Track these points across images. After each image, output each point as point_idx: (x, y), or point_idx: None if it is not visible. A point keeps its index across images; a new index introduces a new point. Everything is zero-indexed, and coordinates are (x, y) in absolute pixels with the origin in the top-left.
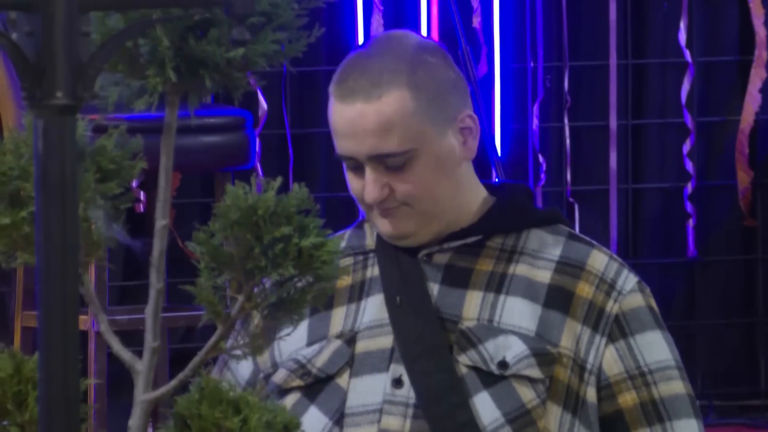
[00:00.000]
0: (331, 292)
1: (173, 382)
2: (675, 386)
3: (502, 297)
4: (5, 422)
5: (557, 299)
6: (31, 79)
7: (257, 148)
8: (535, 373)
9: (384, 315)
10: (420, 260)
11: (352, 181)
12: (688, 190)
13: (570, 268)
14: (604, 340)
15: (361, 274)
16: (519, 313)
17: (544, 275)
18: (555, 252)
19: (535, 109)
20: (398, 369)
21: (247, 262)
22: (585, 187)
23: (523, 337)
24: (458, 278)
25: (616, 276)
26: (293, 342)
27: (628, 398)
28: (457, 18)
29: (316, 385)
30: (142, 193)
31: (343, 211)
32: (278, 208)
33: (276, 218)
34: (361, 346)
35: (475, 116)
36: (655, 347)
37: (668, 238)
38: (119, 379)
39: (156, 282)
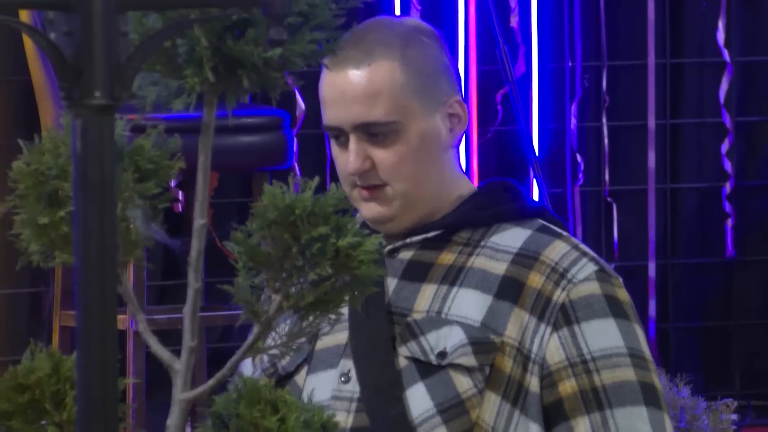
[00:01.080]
0: (368, 292)
1: (211, 382)
2: (622, 373)
3: (455, 289)
4: (43, 422)
5: (508, 290)
6: (69, 79)
7: (295, 148)
8: (470, 361)
9: (345, 311)
10: (384, 256)
11: (338, 157)
12: (727, 190)
13: (525, 259)
14: (548, 330)
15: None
16: (468, 304)
17: (500, 267)
18: (516, 244)
19: (573, 108)
20: (347, 364)
21: (284, 261)
22: (623, 186)
23: (466, 327)
24: (417, 272)
25: (570, 265)
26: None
27: (567, 386)
28: (494, 17)
29: (279, 383)
30: (180, 192)
31: None
32: (315, 208)
33: (313, 218)
34: (320, 343)
35: (465, 105)
36: (603, 335)
37: (706, 237)
38: (157, 379)
39: (194, 281)
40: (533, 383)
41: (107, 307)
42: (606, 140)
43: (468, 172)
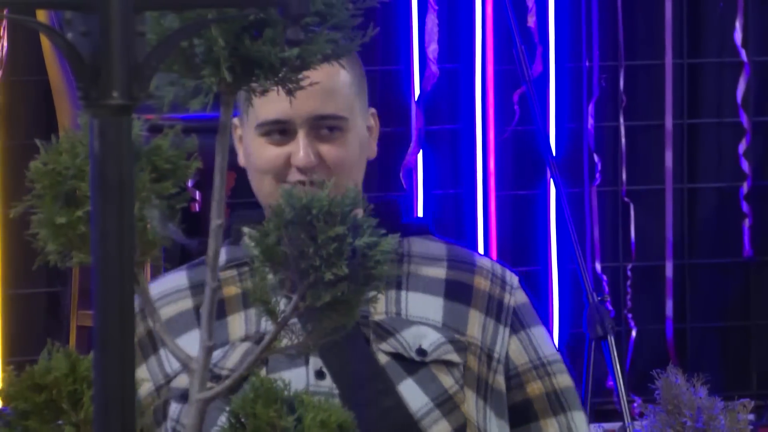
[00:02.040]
0: (383, 292)
1: (228, 381)
2: (565, 379)
3: (404, 293)
4: (60, 421)
5: (457, 292)
6: (86, 79)
7: None
8: (454, 357)
9: None
10: None
11: (269, 152)
12: (744, 190)
13: (461, 264)
14: (507, 331)
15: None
16: (423, 305)
17: (438, 272)
18: (441, 253)
19: (591, 108)
20: (317, 361)
21: (301, 261)
22: (640, 186)
23: (434, 327)
24: None
25: (503, 272)
26: (188, 350)
27: (535, 387)
28: (512, 17)
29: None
30: (197, 192)
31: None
32: (332, 208)
33: (330, 218)
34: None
35: (378, 119)
36: (544, 341)
37: (724, 238)
38: None
39: (211, 281)
40: (498, 381)
41: (124, 307)
42: (623, 140)
43: (485, 172)
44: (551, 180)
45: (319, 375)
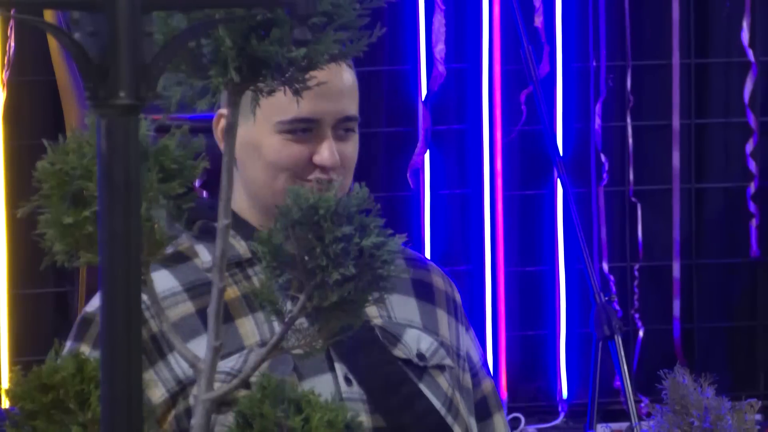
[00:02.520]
0: (391, 291)
1: (235, 381)
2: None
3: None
4: (67, 421)
5: (422, 291)
6: (94, 79)
7: None
8: (448, 361)
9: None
10: None
11: (290, 149)
12: (751, 190)
13: (417, 262)
14: (463, 329)
15: (249, 285)
16: (402, 308)
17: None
18: (399, 253)
19: (598, 108)
20: (343, 368)
21: (308, 261)
22: (647, 186)
23: (420, 330)
24: None
25: (441, 270)
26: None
27: (487, 384)
28: (519, 17)
29: None
30: (204, 192)
31: (403, 211)
32: (339, 208)
33: (337, 218)
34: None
35: None
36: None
37: (731, 237)
38: None
39: (218, 281)
40: (467, 379)
41: (132, 307)
42: (630, 140)
43: (492, 172)
44: (558, 180)
45: (348, 381)
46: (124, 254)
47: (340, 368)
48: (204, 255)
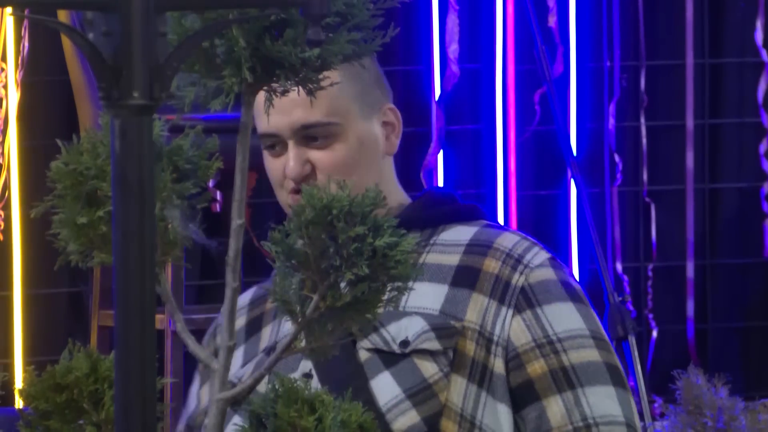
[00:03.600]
0: (404, 292)
1: (249, 381)
2: (588, 354)
3: (409, 284)
4: (81, 421)
5: (464, 277)
6: (108, 79)
7: None
8: (434, 345)
9: None
10: None
11: (271, 164)
12: (765, 190)
13: (478, 248)
14: (510, 312)
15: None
16: (424, 296)
17: (452, 259)
18: (465, 238)
19: (612, 108)
20: (307, 364)
21: (321, 261)
22: (661, 186)
23: (426, 316)
24: None
25: (524, 252)
26: (232, 367)
27: (536, 367)
28: (533, 17)
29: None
30: (218, 192)
31: None
32: (353, 208)
33: (350, 218)
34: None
35: (398, 113)
36: (565, 317)
37: (745, 238)
38: None
39: (232, 281)
40: (498, 365)
41: (146, 307)
42: (644, 140)
43: (506, 172)
44: (572, 180)
45: (307, 377)
46: (138, 254)
47: (303, 365)
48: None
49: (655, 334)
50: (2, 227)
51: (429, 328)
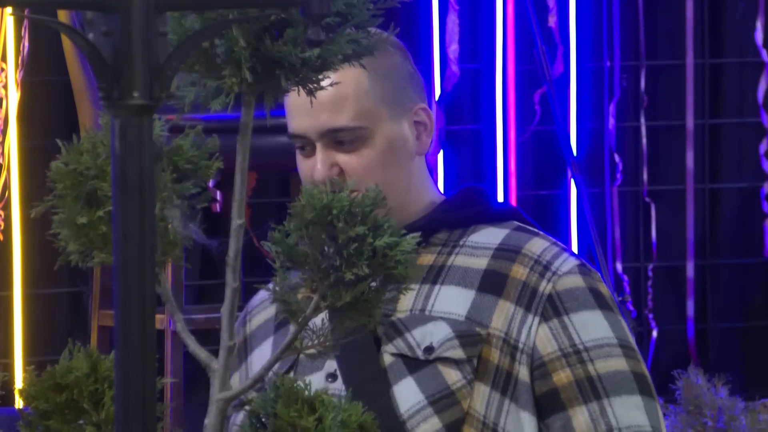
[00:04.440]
0: (405, 292)
1: (249, 382)
2: (615, 363)
3: (436, 287)
4: (81, 421)
5: (491, 283)
6: (108, 79)
7: None
8: (458, 354)
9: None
10: None
11: (302, 164)
12: (765, 190)
13: (506, 252)
14: (537, 320)
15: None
16: (451, 299)
17: (480, 263)
18: (495, 241)
19: (612, 108)
20: (332, 364)
21: (321, 261)
22: (661, 186)
23: (451, 322)
24: None
25: (553, 258)
26: (263, 359)
27: (562, 376)
28: (533, 17)
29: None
30: (218, 192)
31: None
32: (353, 208)
33: (350, 218)
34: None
35: (431, 112)
36: (592, 325)
37: (745, 238)
38: (195, 378)
39: (232, 281)
40: (522, 373)
41: (146, 307)
42: (644, 140)
43: (506, 172)
44: (572, 180)
45: (331, 378)
46: (138, 254)
47: (328, 365)
48: None
49: (655, 334)
50: (2, 227)
51: (454, 335)
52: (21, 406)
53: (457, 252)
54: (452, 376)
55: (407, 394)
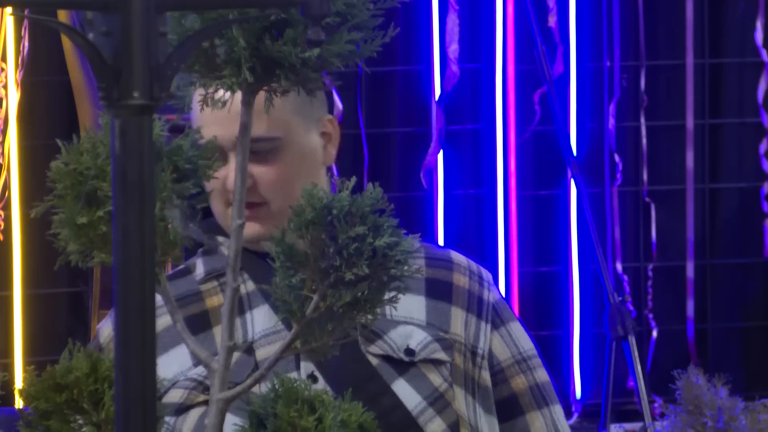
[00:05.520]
0: (405, 292)
1: (249, 381)
2: (545, 373)
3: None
4: (81, 421)
5: (438, 290)
6: (108, 79)
7: None
8: (442, 355)
9: (275, 322)
10: None
11: (219, 172)
12: (765, 190)
13: (439, 261)
14: (489, 327)
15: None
16: (407, 305)
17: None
18: (418, 253)
19: (612, 108)
20: (309, 366)
21: (321, 261)
22: (661, 186)
23: (419, 326)
24: None
25: (479, 269)
26: (176, 365)
27: (519, 382)
28: (533, 17)
29: None
30: None
31: (417, 211)
32: (353, 208)
33: (350, 218)
34: (262, 353)
35: (336, 123)
36: (522, 336)
37: (745, 238)
38: None
39: (232, 281)
40: (484, 377)
41: (146, 307)
42: (644, 140)
43: (506, 172)
44: (572, 180)
45: (312, 379)
46: (138, 254)
47: (305, 366)
48: (199, 268)
49: (655, 334)
50: (2, 227)
51: (432, 338)
52: (21, 406)
53: None
54: (436, 379)
55: (406, 394)
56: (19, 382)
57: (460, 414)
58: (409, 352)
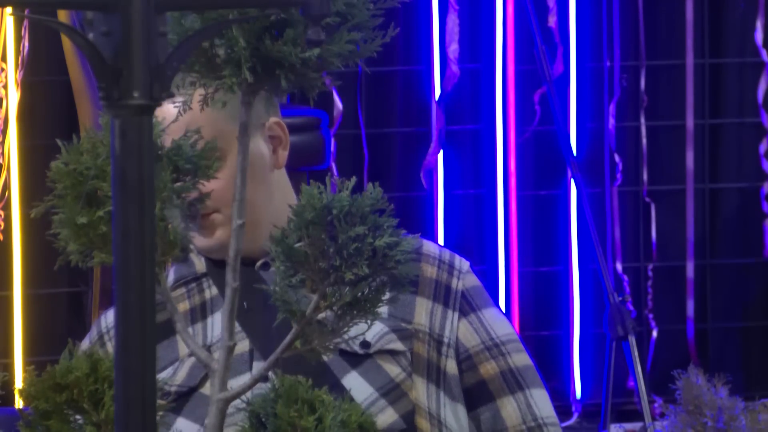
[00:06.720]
0: (405, 291)
1: (249, 381)
2: (524, 357)
3: None
4: (81, 421)
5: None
6: (108, 79)
7: (332, 148)
8: (397, 346)
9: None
10: (257, 271)
11: None
12: (765, 190)
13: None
14: (456, 315)
15: (199, 297)
16: None
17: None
18: None
19: (612, 108)
20: (260, 366)
21: (321, 261)
22: (661, 186)
23: (378, 319)
24: None
25: (451, 258)
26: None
27: (488, 368)
28: (533, 17)
29: (179, 400)
30: None
31: (417, 211)
32: (353, 208)
33: (350, 218)
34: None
35: (284, 125)
36: (498, 321)
37: (745, 238)
38: None
39: (232, 281)
40: (450, 366)
41: (146, 307)
42: (644, 140)
43: (506, 172)
44: (572, 180)
45: (263, 379)
46: (138, 254)
47: (256, 367)
48: (170, 275)
49: (655, 334)
50: (2, 227)
51: (388, 329)
52: (21, 406)
53: None
54: (393, 369)
55: (357, 386)
56: (19, 382)
57: (418, 403)
58: (365, 344)
